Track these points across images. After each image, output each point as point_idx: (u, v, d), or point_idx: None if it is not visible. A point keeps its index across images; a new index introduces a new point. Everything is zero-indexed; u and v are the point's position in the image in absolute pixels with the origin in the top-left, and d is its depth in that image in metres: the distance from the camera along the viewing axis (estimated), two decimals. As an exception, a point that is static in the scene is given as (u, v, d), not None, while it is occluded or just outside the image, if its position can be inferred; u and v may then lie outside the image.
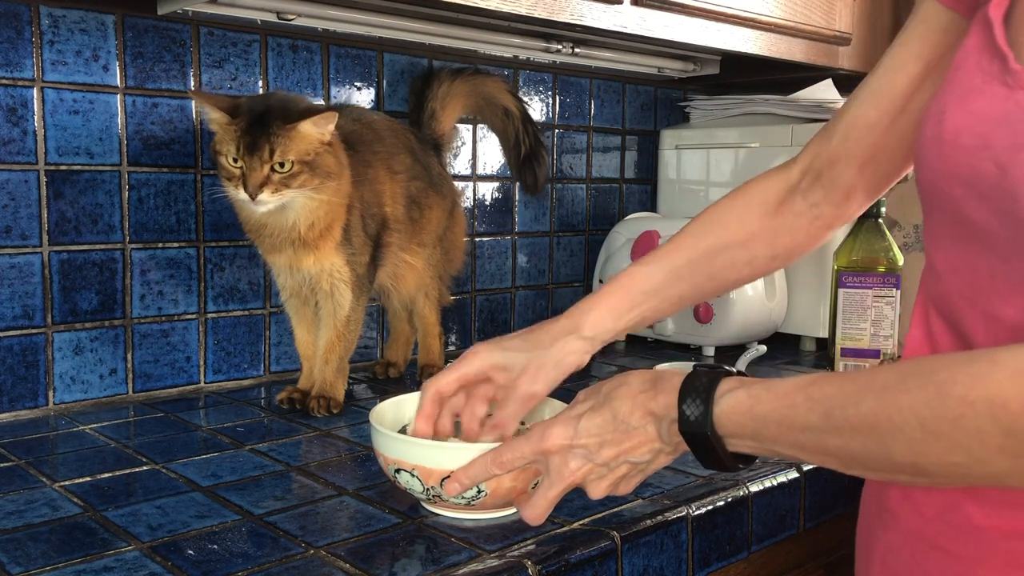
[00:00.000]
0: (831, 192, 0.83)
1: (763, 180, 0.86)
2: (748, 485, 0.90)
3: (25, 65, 1.09)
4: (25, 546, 0.73)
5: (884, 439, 0.55)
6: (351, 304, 1.14)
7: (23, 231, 1.11)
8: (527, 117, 1.40)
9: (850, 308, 1.37)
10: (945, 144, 0.64)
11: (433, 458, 0.74)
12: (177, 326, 1.24)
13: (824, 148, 0.82)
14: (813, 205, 0.83)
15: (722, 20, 1.36)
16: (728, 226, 0.85)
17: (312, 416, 1.12)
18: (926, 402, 0.53)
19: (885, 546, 0.73)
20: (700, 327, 1.50)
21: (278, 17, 1.21)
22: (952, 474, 0.54)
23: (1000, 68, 0.61)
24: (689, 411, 0.63)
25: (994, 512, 0.63)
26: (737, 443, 0.63)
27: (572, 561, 0.73)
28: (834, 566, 1.04)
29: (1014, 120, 0.59)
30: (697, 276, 0.85)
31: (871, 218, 1.37)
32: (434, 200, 1.28)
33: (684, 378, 0.65)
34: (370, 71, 1.39)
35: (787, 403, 0.60)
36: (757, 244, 0.85)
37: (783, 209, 0.84)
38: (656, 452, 0.68)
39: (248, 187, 1.00)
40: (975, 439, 0.51)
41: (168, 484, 0.88)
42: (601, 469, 0.69)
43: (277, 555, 0.71)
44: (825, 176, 0.82)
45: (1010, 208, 0.58)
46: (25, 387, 1.12)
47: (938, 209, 0.67)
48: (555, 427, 0.69)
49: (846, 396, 0.57)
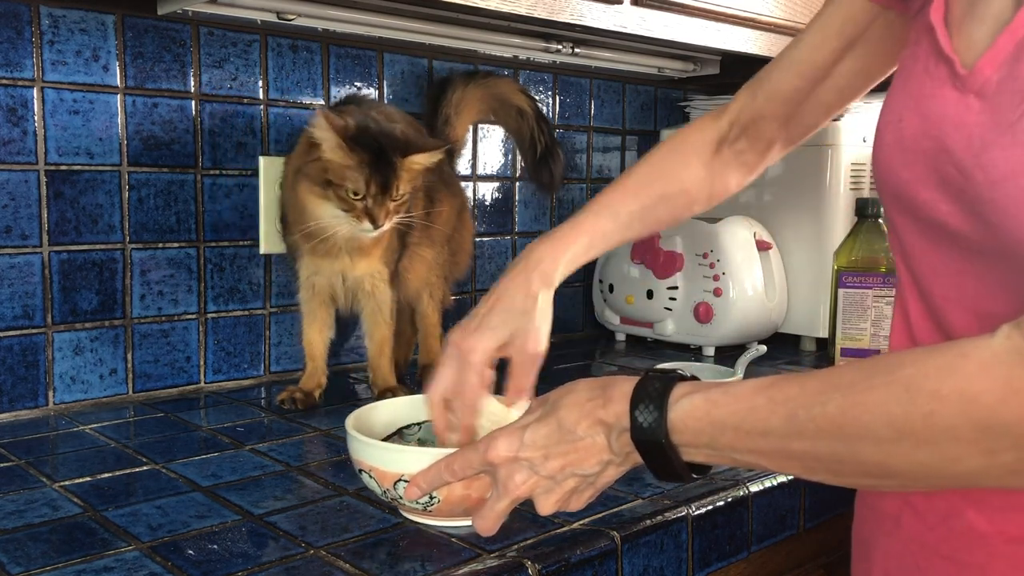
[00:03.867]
0: (755, 143, 0.91)
1: (698, 130, 0.93)
2: (748, 485, 0.90)
3: (25, 65, 1.09)
4: (25, 546, 0.73)
5: (851, 440, 0.52)
6: (392, 299, 1.20)
7: (23, 231, 1.11)
8: (541, 115, 1.40)
9: (850, 308, 1.37)
10: (906, 151, 0.65)
11: (386, 460, 0.74)
12: (177, 326, 1.24)
13: (750, 104, 0.90)
14: (739, 153, 0.92)
15: (722, 20, 1.36)
16: (671, 174, 0.92)
17: (312, 415, 1.12)
18: (895, 399, 0.50)
19: (884, 553, 0.73)
20: (700, 327, 1.50)
21: (278, 17, 1.21)
22: (921, 475, 0.52)
23: (948, 73, 0.62)
24: (642, 418, 0.59)
25: (996, 517, 0.63)
26: (692, 452, 0.59)
27: (572, 561, 0.73)
28: (834, 566, 1.04)
29: (967, 123, 0.59)
30: (645, 221, 0.91)
31: (871, 218, 1.37)
32: (445, 197, 1.29)
33: (636, 383, 0.61)
34: (370, 71, 1.39)
35: (747, 406, 0.56)
36: (697, 190, 0.92)
37: (715, 157, 0.92)
38: (605, 464, 0.63)
39: (377, 222, 1.05)
40: (947, 436, 0.49)
41: (168, 484, 0.88)
42: (547, 483, 0.64)
43: (277, 555, 0.71)
44: (750, 129, 0.90)
45: (978, 210, 0.58)
46: (25, 387, 1.12)
47: (910, 215, 0.67)
48: (501, 439, 0.65)
49: (810, 397, 0.54)
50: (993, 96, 0.58)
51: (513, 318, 0.81)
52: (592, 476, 0.64)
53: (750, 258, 1.50)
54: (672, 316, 1.54)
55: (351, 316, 1.23)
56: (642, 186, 0.91)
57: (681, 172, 0.91)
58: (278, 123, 1.30)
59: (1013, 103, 0.56)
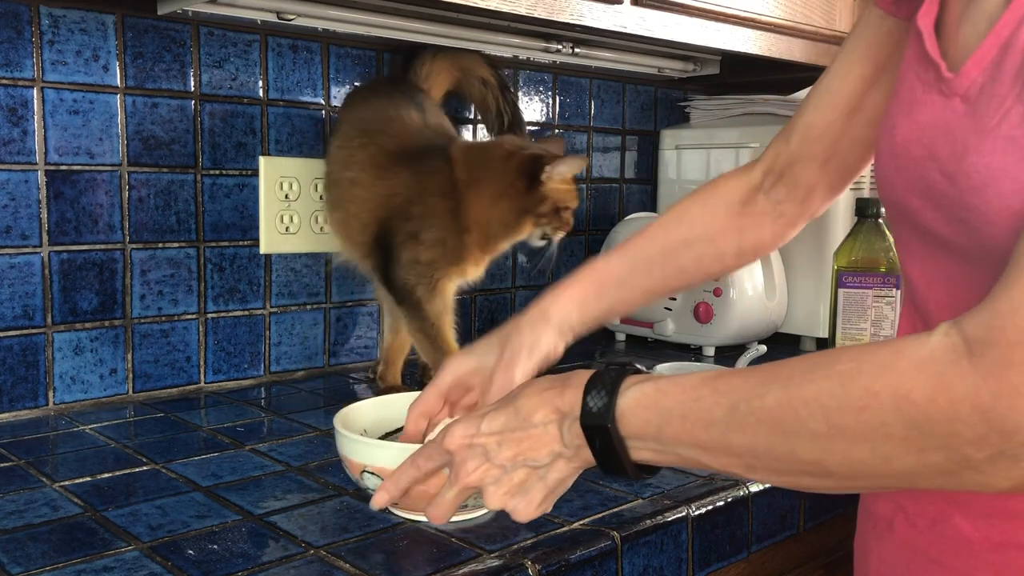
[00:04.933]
0: (793, 190, 0.84)
1: (728, 179, 0.88)
2: (748, 485, 0.90)
3: (25, 65, 1.09)
4: (25, 546, 0.73)
5: (788, 435, 0.52)
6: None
7: (23, 231, 1.11)
8: (504, 86, 1.40)
9: (850, 308, 1.37)
10: (898, 157, 0.65)
11: (352, 450, 0.76)
12: (177, 326, 1.24)
13: (784, 149, 0.84)
14: (777, 203, 0.85)
15: (722, 20, 1.36)
16: (696, 222, 0.86)
17: (312, 415, 1.12)
18: (830, 393, 0.50)
19: (879, 556, 0.73)
20: (700, 327, 1.50)
21: (278, 17, 1.21)
22: (858, 474, 0.51)
23: (935, 77, 0.62)
24: (592, 403, 0.59)
25: (982, 524, 0.63)
26: (639, 446, 0.59)
27: (572, 561, 0.73)
28: (834, 566, 1.04)
29: (952, 128, 0.59)
30: (666, 269, 0.85)
31: (871, 218, 1.37)
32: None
33: (592, 373, 0.61)
34: (370, 71, 1.39)
35: (693, 396, 0.56)
36: (724, 240, 0.86)
37: (748, 207, 0.86)
38: (555, 456, 0.62)
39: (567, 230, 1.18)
40: (879, 432, 0.49)
41: (168, 484, 0.88)
42: (497, 471, 0.63)
43: (277, 555, 0.71)
44: (787, 176, 0.84)
45: (963, 217, 0.58)
46: (25, 387, 1.12)
47: (905, 223, 0.67)
48: (459, 425, 0.65)
49: (751, 388, 0.54)
50: (977, 99, 0.57)
51: (498, 343, 0.80)
52: (542, 469, 0.63)
53: (750, 258, 1.50)
54: (672, 316, 1.54)
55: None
56: (663, 231, 0.86)
57: (705, 218, 0.86)
58: (278, 123, 1.30)
59: (994, 107, 0.56)
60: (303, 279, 1.35)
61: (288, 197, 1.31)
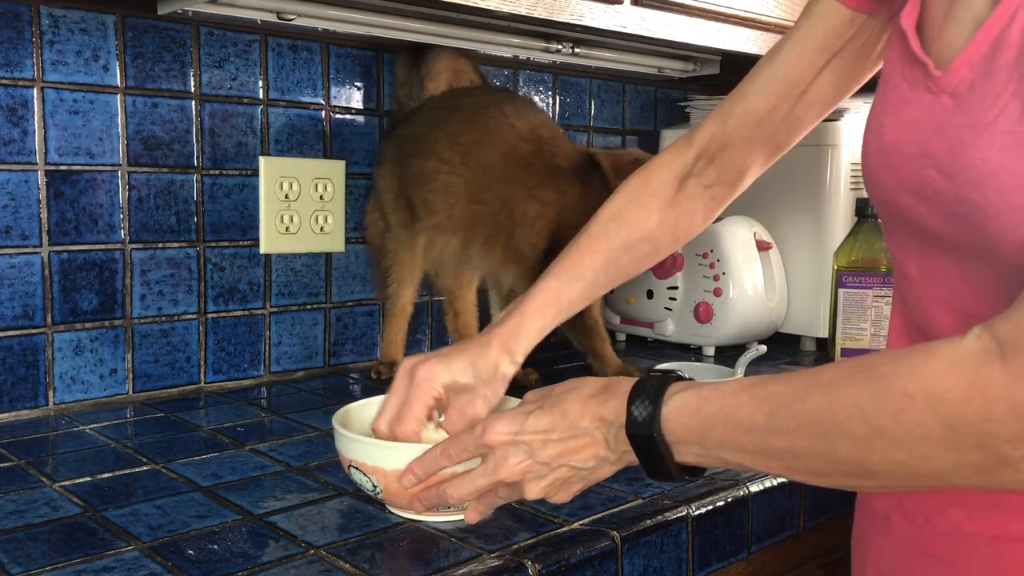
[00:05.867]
0: (724, 173, 0.86)
1: (660, 168, 0.88)
2: (748, 485, 0.90)
3: (25, 65, 1.09)
4: (25, 546, 0.73)
5: (829, 437, 0.53)
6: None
7: (23, 231, 1.11)
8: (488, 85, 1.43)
9: (850, 308, 1.37)
10: (888, 156, 0.65)
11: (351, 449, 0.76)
12: (177, 326, 1.24)
13: (719, 131, 0.85)
14: (706, 187, 0.87)
15: (722, 20, 1.36)
16: (634, 223, 0.87)
17: (312, 415, 1.12)
18: (868, 396, 0.52)
19: (877, 551, 0.73)
20: (700, 327, 1.50)
21: (278, 17, 1.21)
22: (897, 473, 0.53)
23: (922, 75, 0.62)
24: (637, 412, 0.61)
25: (979, 517, 0.64)
26: (684, 450, 0.61)
27: (572, 561, 0.73)
28: (834, 566, 1.04)
29: (943, 125, 0.60)
30: (609, 276, 0.87)
31: (871, 218, 1.37)
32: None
33: (635, 382, 0.64)
34: (370, 71, 1.39)
35: (734, 402, 0.58)
36: (660, 234, 0.88)
37: (680, 195, 0.88)
38: (600, 460, 0.65)
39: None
40: (916, 433, 0.50)
41: (168, 484, 0.88)
42: (541, 468, 0.66)
43: (277, 555, 0.71)
44: (719, 159, 0.85)
45: (960, 212, 0.58)
46: (25, 387, 1.12)
47: (897, 220, 0.67)
48: (500, 421, 0.67)
49: (792, 393, 0.56)
50: (967, 95, 0.58)
51: (474, 373, 0.79)
52: (586, 470, 0.66)
53: (750, 258, 1.50)
54: (672, 316, 1.54)
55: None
56: (602, 238, 0.87)
57: (641, 218, 0.87)
58: (278, 123, 1.31)
59: (988, 102, 0.56)
60: (303, 279, 1.35)
61: (288, 197, 1.31)
